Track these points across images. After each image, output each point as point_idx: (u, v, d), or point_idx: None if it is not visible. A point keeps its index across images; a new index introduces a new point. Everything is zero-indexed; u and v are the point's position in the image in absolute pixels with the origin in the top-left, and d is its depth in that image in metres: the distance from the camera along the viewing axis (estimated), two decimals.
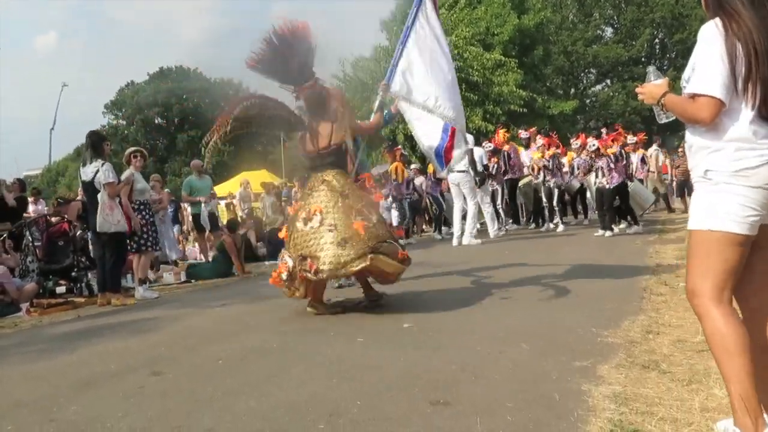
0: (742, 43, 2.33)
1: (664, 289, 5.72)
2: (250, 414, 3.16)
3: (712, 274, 2.40)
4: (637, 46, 43.07)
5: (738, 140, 2.36)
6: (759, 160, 2.33)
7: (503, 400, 3.09)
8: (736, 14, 2.37)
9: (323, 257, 5.20)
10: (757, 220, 2.37)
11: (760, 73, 2.32)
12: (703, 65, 2.39)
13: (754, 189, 2.33)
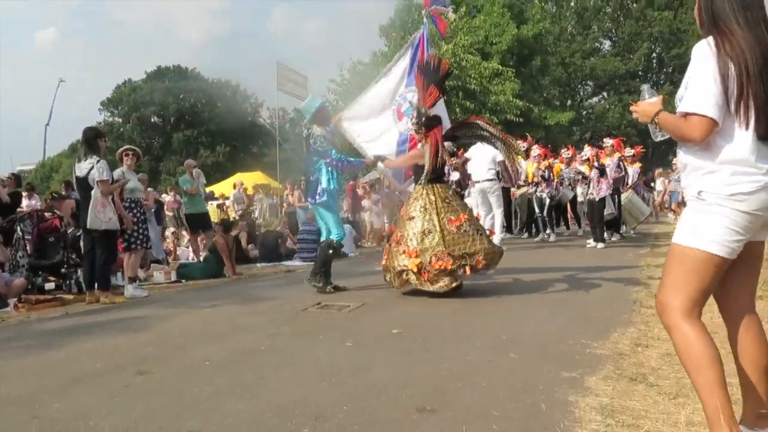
0: (735, 62, 2.32)
1: (654, 302, 5.71)
2: (237, 415, 3.14)
3: (686, 290, 2.42)
4: (634, 59, 43.33)
5: (733, 162, 2.34)
6: (754, 186, 2.31)
7: (490, 409, 3.09)
8: (730, 33, 2.36)
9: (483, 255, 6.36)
10: (740, 244, 2.38)
11: (753, 93, 2.31)
12: (695, 84, 2.38)
13: (744, 214, 2.33)
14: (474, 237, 6.42)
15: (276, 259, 11.90)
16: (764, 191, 2.31)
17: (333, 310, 6.08)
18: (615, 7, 45.59)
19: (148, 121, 53.37)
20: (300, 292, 7.53)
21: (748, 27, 2.35)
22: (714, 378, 2.31)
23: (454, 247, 6.28)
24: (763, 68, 2.32)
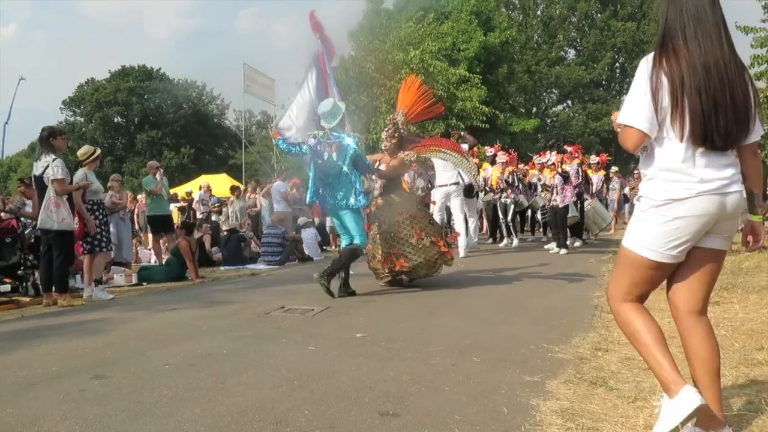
0: (669, 78, 2.45)
1: None
2: (195, 421, 3.09)
3: (624, 283, 2.67)
4: (598, 69, 44.06)
5: (667, 170, 2.49)
6: (686, 193, 2.45)
7: (452, 413, 3.09)
8: (673, 49, 2.48)
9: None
10: (676, 249, 2.53)
11: (688, 106, 2.42)
12: (630, 98, 2.55)
13: (677, 219, 2.47)
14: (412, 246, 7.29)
15: (240, 262, 11.78)
16: (697, 198, 2.44)
17: (296, 314, 6.03)
18: (580, 17, 46.34)
19: (111, 121, 52.57)
20: (263, 295, 7.47)
21: (696, 41, 2.46)
22: (649, 348, 2.55)
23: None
24: (704, 82, 2.42)
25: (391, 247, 7.32)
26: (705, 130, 2.43)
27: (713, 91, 2.43)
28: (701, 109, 2.43)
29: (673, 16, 2.53)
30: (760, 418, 2.72)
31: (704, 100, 2.43)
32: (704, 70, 2.43)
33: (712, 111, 2.43)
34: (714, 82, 2.43)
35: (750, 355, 3.79)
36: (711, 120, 2.43)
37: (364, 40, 25.45)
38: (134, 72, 53.03)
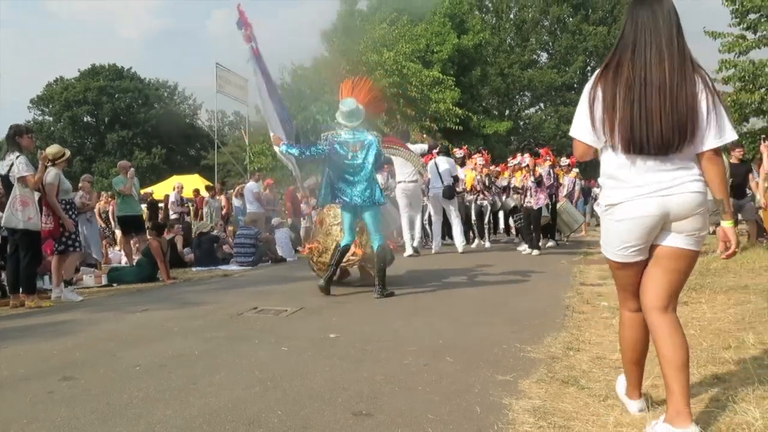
0: (604, 91, 2.63)
1: (586, 308, 5.87)
2: (166, 422, 3.05)
3: (617, 290, 2.94)
4: (569, 72, 44.51)
5: (609, 178, 2.71)
6: (621, 197, 2.65)
7: (426, 413, 3.09)
8: (617, 65, 2.64)
9: None
10: (631, 250, 2.71)
11: (619, 118, 2.58)
12: (577, 111, 2.76)
13: (620, 222, 2.67)
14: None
15: (212, 263, 11.69)
16: (632, 202, 2.62)
17: (269, 315, 6.00)
18: (552, 21, 46.79)
19: (81, 120, 51.80)
20: (236, 296, 7.41)
21: (643, 54, 2.60)
22: (626, 356, 2.92)
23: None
24: (640, 93, 2.57)
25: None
26: (635, 139, 2.57)
27: (648, 102, 2.56)
28: (631, 119, 2.57)
29: (629, 30, 2.66)
30: (728, 416, 2.76)
31: (636, 110, 2.57)
32: (642, 82, 2.57)
33: (645, 120, 2.56)
34: (651, 92, 2.56)
35: (718, 354, 3.86)
36: (643, 129, 2.56)
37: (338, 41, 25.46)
38: (104, 71, 52.30)
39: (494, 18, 46.02)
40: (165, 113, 51.39)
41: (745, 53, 16.48)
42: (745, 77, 16.49)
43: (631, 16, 2.69)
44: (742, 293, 5.99)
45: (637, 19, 2.65)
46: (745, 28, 16.62)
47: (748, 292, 6.00)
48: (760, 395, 3.00)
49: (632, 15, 2.68)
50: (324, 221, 7.76)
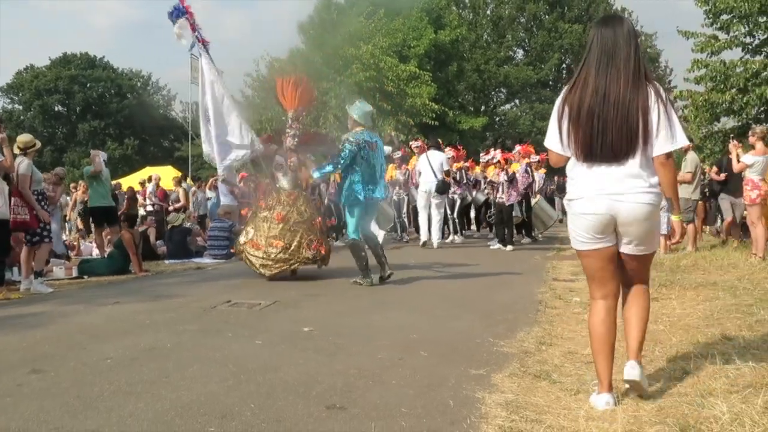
0: (569, 104, 2.99)
1: (559, 303, 5.92)
2: (138, 415, 3.02)
3: (585, 275, 3.23)
4: (545, 69, 44.73)
5: (571, 178, 3.09)
6: (575, 194, 3.05)
7: (399, 406, 3.10)
8: (584, 81, 2.98)
9: None
10: (592, 241, 3.05)
11: (582, 128, 2.95)
12: (549, 123, 3.11)
13: (579, 216, 3.04)
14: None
15: (185, 255, 11.58)
16: (585, 198, 3.00)
17: (243, 308, 5.97)
18: (528, 18, 46.96)
19: (52, 109, 50.93)
20: (209, 289, 7.37)
21: (604, 72, 2.94)
22: (594, 346, 3.10)
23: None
24: (600, 106, 2.91)
25: (313, 234, 7.73)
26: (591, 148, 2.95)
27: (605, 114, 2.91)
28: (591, 131, 2.93)
29: (594, 48, 2.99)
30: (696, 410, 2.81)
31: (595, 123, 2.93)
32: (603, 96, 2.91)
33: (601, 133, 2.92)
34: (608, 106, 2.91)
35: (686, 349, 3.92)
36: (598, 138, 2.93)
37: (315, 33, 25.35)
38: (76, 60, 51.40)
39: (471, 14, 46.06)
40: (138, 104, 50.68)
41: (717, 53, 16.72)
42: (717, 77, 16.72)
43: (596, 36, 3.01)
44: (711, 290, 6.09)
45: (601, 39, 2.98)
46: (718, 29, 16.87)
47: (716, 289, 6.11)
48: (727, 389, 3.06)
49: (597, 35, 3.01)
50: (289, 219, 7.68)
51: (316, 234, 7.79)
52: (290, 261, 7.61)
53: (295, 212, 7.74)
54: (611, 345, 3.06)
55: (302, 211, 7.76)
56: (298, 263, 7.70)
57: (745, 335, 4.12)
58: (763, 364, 3.40)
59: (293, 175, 7.92)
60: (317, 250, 7.67)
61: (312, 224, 7.78)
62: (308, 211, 7.85)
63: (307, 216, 7.78)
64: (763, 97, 15.74)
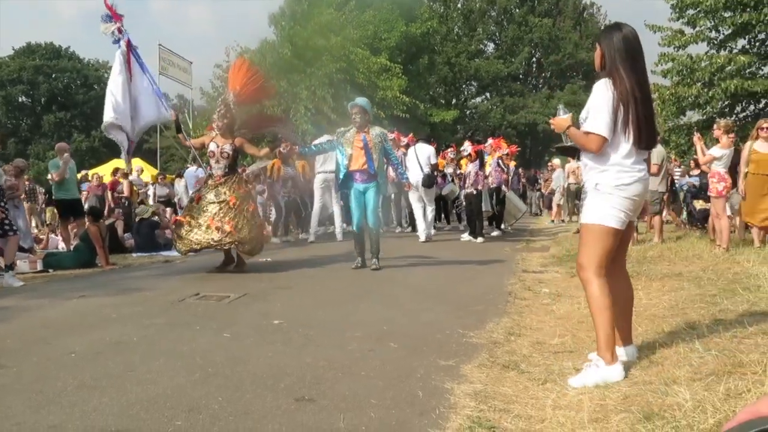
0: (623, 98, 3.27)
1: (528, 294, 5.97)
2: (102, 410, 2.97)
3: (595, 254, 3.35)
4: (515, 63, 45.03)
5: (618, 165, 3.34)
6: (631, 179, 3.33)
7: (368, 397, 3.10)
8: (620, 77, 3.29)
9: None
10: (626, 220, 3.39)
11: (633, 119, 3.28)
12: (595, 111, 3.31)
13: (627, 199, 3.34)
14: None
15: (153, 248, 11.42)
16: (637, 183, 3.35)
17: (212, 301, 5.91)
18: (499, 12, 47.24)
19: (15, 100, 49.84)
20: (177, 282, 7.28)
21: (633, 73, 3.30)
22: (607, 319, 3.29)
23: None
24: (641, 102, 3.29)
25: (247, 221, 7.70)
26: (642, 136, 3.31)
27: (649, 106, 3.37)
28: (643, 121, 3.30)
29: (615, 54, 3.34)
30: (660, 397, 2.85)
31: (647, 112, 3.34)
32: (642, 93, 3.30)
33: (649, 120, 3.35)
34: (647, 100, 3.36)
35: (652, 339, 3.98)
36: (647, 127, 3.32)
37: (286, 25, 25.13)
38: (41, 50, 50.35)
39: (442, 7, 46.10)
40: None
41: (683, 48, 16.96)
42: (683, 71, 16.97)
43: (618, 37, 3.37)
44: (676, 280, 6.19)
45: (624, 39, 3.35)
46: (684, 23, 17.11)
47: (681, 279, 6.21)
48: (691, 377, 3.11)
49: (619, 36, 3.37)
50: (203, 197, 7.83)
51: (247, 218, 7.68)
52: (221, 242, 7.61)
53: (212, 194, 7.76)
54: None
55: (220, 192, 7.73)
56: (229, 245, 7.68)
57: (709, 324, 4.19)
58: (725, 352, 3.46)
59: (225, 162, 7.88)
60: (247, 234, 7.61)
61: (229, 207, 7.63)
62: (228, 194, 7.71)
63: (223, 197, 7.68)
64: (727, 91, 16.00)
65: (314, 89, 21.64)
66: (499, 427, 2.68)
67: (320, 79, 21.68)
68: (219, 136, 7.92)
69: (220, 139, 7.89)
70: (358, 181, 7.74)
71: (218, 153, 7.86)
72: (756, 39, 16.64)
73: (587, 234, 3.41)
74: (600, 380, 3.17)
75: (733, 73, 16.22)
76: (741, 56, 16.25)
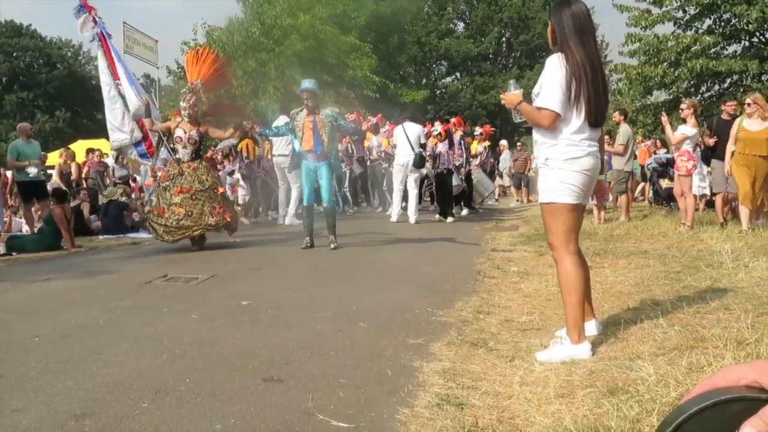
0: (575, 72, 3.25)
1: (497, 273, 6.01)
2: (66, 393, 2.93)
3: (560, 232, 3.36)
4: (485, 42, 44.96)
5: (568, 139, 3.32)
6: (581, 152, 3.33)
7: (337, 377, 3.10)
8: (572, 52, 3.27)
9: None
10: (581, 195, 3.37)
11: (584, 94, 3.26)
12: (547, 86, 3.29)
13: (578, 173, 3.33)
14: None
15: (121, 230, 11.26)
16: (588, 157, 3.35)
17: (180, 283, 5.85)
18: None
19: None
20: (145, 264, 7.19)
21: (583, 47, 3.28)
22: (577, 298, 3.30)
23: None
24: (592, 77, 3.27)
25: (216, 202, 8.09)
26: (593, 111, 3.30)
27: (599, 81, 3.32)
28: (594, 95, 3.27)
29: (565, 29, 3.31)
30: (624, 372, 2.89)
31: (599, 88, 3.30)
32: (592, 68, 3.27)
33: (599, 96, 3.31)
34: (598, 74, 3.32)
35: (617, 315, 4.04)
36: (598, 103, 3.31)
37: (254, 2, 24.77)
38: (0, 27, 48.97)
39: None
40: (69, 74, 48.78)
41: (650, 27, 17.07)
42: (650, 51, 17.10)
43: (568, 13, 3.32)
44: (642, 258, 6.28)
45: (572, 16, 3.32)
46: (651, 3, 17.20)
47: (647, 257, 6.31)
48: (654, 352, 3.16)
49: (568, 12, 3.33)
50: (191, 188, 8.01)
51: (219, 201, 8.13)
52: (193, 228, 7.91)
53: (197, 181, 8.03)
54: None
55: (203, 180, 8.06)
56: (201, 229, 8.00)
57: (673, 301, 4.27)
58: (688, 327, 3.52)
59: (192, 147, 8.19)
60: (221, 216, 8.02)
61: (214, 192, 8.12)
62: (209, 180, 8.15)
63: (208, 184, 8.08)
64: (693, 70, 16.18)
65: (283, 68, 21.40)
66: (467, 404, 2.70)
67: (289, 58, 21.45)
68: (186, 123, 8.17)
69: (187, 125, 8.15)
70: (310, 160, 7.95)
71: (185, 139, 8.13)
72: (721, 19, 16.78)
73: (547, 214, 3.41)
74: (567, 357, 3.20)
75: (698, 53, 16.38)
76: (706, 36, 16.41)
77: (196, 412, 2.71)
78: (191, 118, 8.17)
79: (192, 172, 8.05)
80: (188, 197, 7.89)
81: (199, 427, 2.55)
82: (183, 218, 7.82)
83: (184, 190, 7.90)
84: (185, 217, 7.82)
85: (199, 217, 7.86)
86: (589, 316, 3.58)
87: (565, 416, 2.43)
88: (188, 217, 7.83)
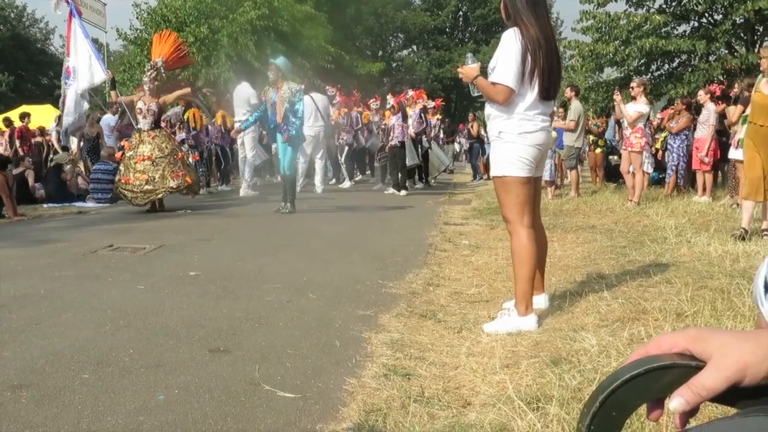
0: (530, 47, 3.23)
1: (448, 246, 6.05)
2: (4, 364, 2.84)
3: (514, 205, 3.36)
4: (442, 16, 44.87)
5: (521, 114, 3.32)
6: (534, 127, 3.34)
7: (285, 348, 3.08)
8: (525, 26, 3.25)
9: None
10: (533, 168, 3.38)
11: (539, 68, 3.25)
12: (502, 62, 3.26)
13: (530, 147, 3.34)
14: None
15: (66, 199, 10.94)
16: (540, 131, 3.37)
17: (126, 253, 5.73)
18: None
19: None
20: (90, 233, 7.01)
21: (537, 21, 3.26)
22: (528, 271, 3.32)
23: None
24: (546, 49, 3.26)
25: (176, 166, 8.80)
26: (547, 86, 3.30)
27: (553, 55, 3.33)
28: (546, 69, 3.27)
29: (519, 3, 3.29)
30: (568, 343, 2.95)
31: (551, 62, 3.30)
32: (546, 41, 3.27)
33: (552, 71, 3.32)
34: (552, 49, 3.32)
35: (564, 288, 4.11)
36: (551, 77, 3.31)
37: None
38: None
39: None
40: (12, 37, 46.87)
41: (602, 5, 17.23)
42: (602, 28, 17.28)
43: None
44: (590, 233, 6.41)
45: None
46: None
47: (594, 232, 6.43)
48: (598, 324, 3.23)
49: None
50: (151, 155, 8.68)
51: (179, 166, 8.85)
52: (156, 191, 8.66)
53: (156, 149, 8.74)
54: None
55: (163, 147, 8.78)
56: (164, 192, 8.71)
57: (618, 274, 4.36)
58: (631, 300, 3.61)
59: (152, 118, 8.89)
60: (181, 179, 8.75)
61: (174, 158, 8.84)
62: (169, 147, 8.90)
63: (168, 151, 8.81)
64: (643, 49, 16.42)
65: (236, 36, 20.97)
66: (414, 374, 2.71)
67: (242, 26, 21.02)
68: (147, 96, 8.94)
69: (147, 98, 8.91)
70: (281, 131, 8.35)
71: (145, 110, 8.87)
72: None
73: (500, 188, 3.42)
74: (513, 329, 3.23)
75: (649, 32, 16.62)
76: (657, 15, 16.65)
77: (139, 382, 2.66)
78: (151, 91, 8.95)
79: (152, 140, 8.75)
80: (150, 164, 8.58)
81: (142, 398, 2.50)
82: (146, 184, 8.55)
83: (145, 157, 8.62)
84: (148, 182, 8.54)
85: (161, 181, 8.57)
86: (539, 290, 3.62)
87: (508, 386, 2.47)
88: (151, 182, 8.55)
